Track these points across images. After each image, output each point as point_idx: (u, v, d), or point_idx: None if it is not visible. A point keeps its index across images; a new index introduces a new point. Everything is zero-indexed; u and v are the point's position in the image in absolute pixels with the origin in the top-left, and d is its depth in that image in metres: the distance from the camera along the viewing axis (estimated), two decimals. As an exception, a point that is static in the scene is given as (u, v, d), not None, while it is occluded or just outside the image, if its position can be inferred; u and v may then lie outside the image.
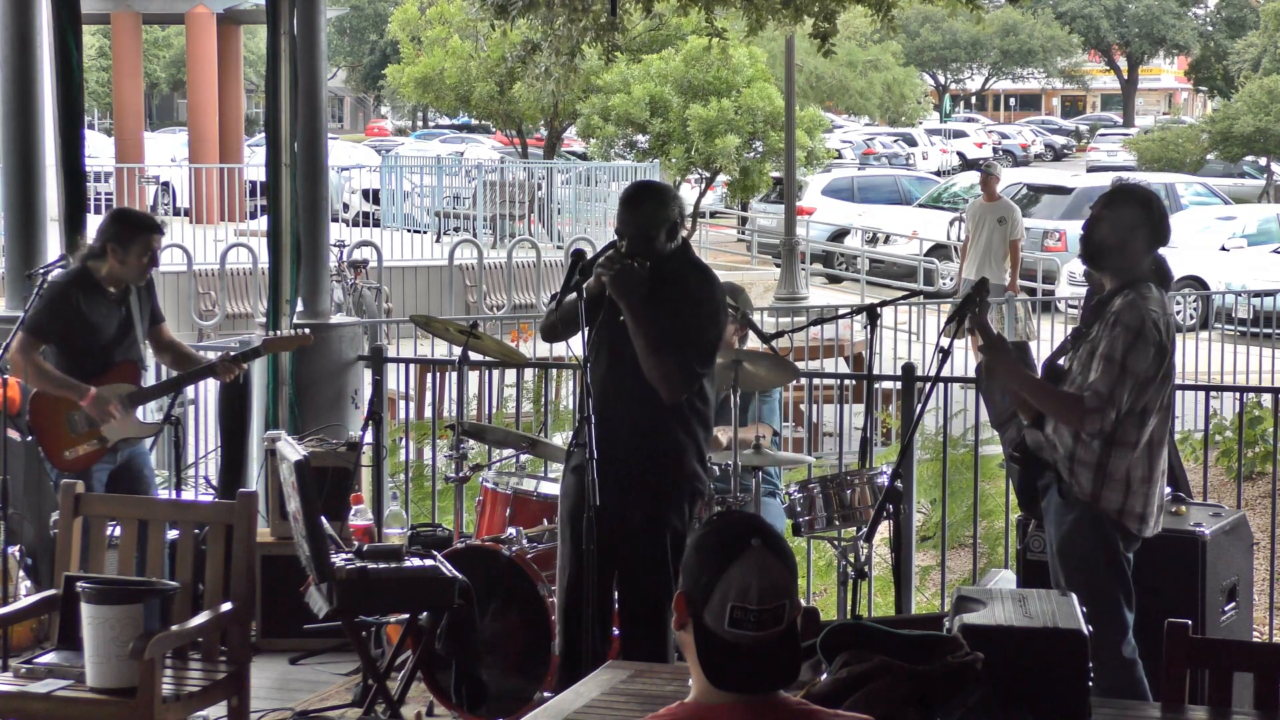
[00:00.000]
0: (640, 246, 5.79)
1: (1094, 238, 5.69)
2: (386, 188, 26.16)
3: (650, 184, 6.18)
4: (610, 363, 5.90)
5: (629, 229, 5.82)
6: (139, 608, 5.50)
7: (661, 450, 5.83)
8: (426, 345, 12.75)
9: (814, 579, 8.54)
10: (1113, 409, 5.48)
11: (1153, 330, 5.52)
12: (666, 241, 5.85)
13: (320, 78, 8.69)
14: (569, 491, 5.99)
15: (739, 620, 3.14)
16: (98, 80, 51.22)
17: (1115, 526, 5.60)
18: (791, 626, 3.19)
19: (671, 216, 5.87)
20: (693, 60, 25.50)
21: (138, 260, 7.08)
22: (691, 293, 5.86)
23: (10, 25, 8.07)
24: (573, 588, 5.92)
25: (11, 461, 7.57)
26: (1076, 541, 5.62)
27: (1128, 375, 5.49)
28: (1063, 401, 5.58)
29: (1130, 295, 5.59)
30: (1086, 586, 5.53)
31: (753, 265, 27.26)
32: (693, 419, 5.93)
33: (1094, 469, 5.58)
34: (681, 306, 5.80)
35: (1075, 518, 5.61)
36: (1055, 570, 5.68)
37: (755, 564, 3.16)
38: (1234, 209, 28.21)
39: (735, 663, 3.16)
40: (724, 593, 3.15)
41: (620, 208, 5.94)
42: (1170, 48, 69.63)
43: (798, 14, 10.53)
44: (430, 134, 53.08)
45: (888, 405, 11.72)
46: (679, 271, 5.86)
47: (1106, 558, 5.60)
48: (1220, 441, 11.08)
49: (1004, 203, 17.89)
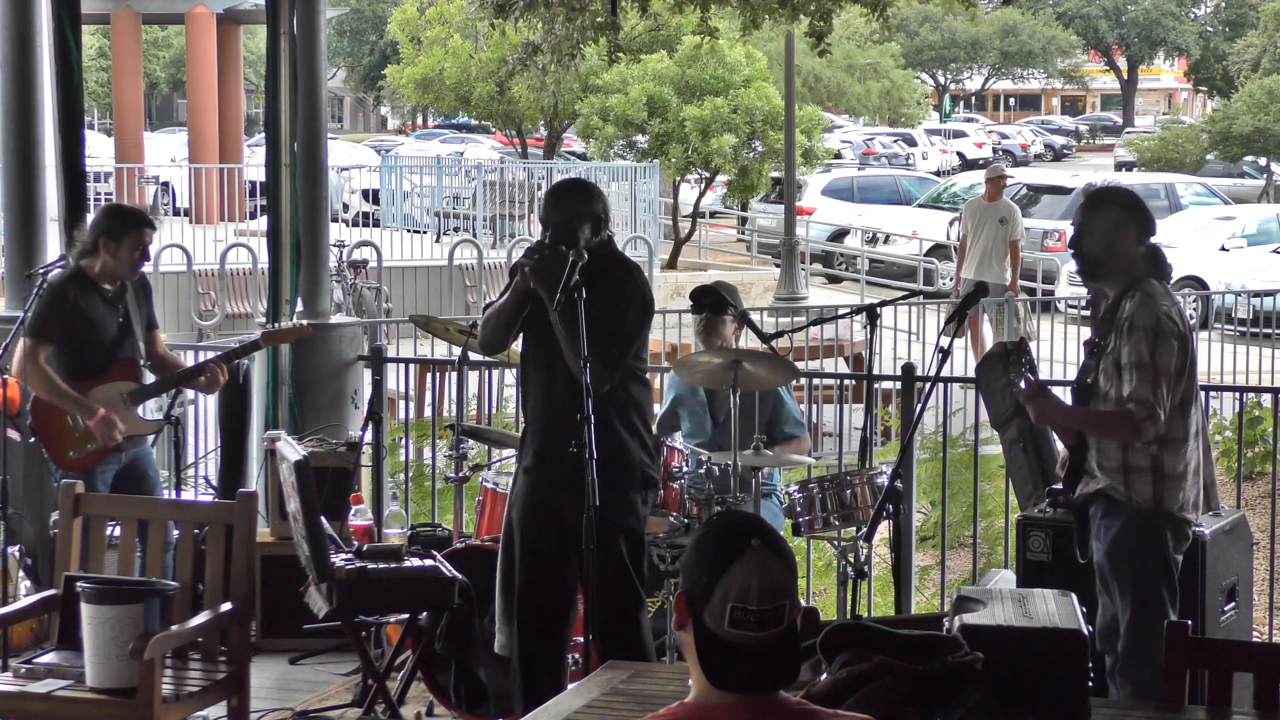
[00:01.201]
0: (564, 238, 5.90)
1: (1083, 251, 5.69)
2: (386, 188, 26.16)
3: (576, 180, 6.37)
4: (548, 360, 6.00)
5: (553, 222, 5.96)
6: (139, 608, 5.50)
7: (604, 443, 5.86)
8: (426, 345, 12.75)
9: (814, 579, 8.54)
10: (1162, 411, 5.49)
11: (1169, 324, 5.53)
12: (591, 235, 5.97)
13: (320, 78, 8.69)
14: (524, 494, 6.06)
15: (739, 621, 3.13)
16: (98, 80, 51.23)
17: (1173, 525, 5.61)
18: (791, 627, 3.18)
19: (596, 211, 6.01)
20: (688, 60, 25.50)
21: (129, 254, 7.08)
22: (612, 284, 5.97)
23: (10, 25, 8.07)
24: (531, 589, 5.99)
25: (11, 461, 7.57)
26: (1128, 545, 5.61)
27: (1162, 375, 5.50)
28: (1112, 421, 5.58)
29: (1136, 296, 5.58)
30: (1137, 589, 5.55)
31: (752, 265, 27.25)
32: (631, 410, 6.02)
33: (1151, 473, 5.58)
34: (604, 297, 5.89)
35: (1124, 521, 5.61)
36: (1103, 575, 5.68)
37: (755, 564, 3.15)
38: (1234, 209, 28.20)
39: (735, 663, 3.15)
40: (724, 593, 3.14)
41: (545, 202, 6.09)
42: (1170, 49, 69.62)
43: (794, 13, 10.55)
44: (430, 134, 53.07)
45: (887, 405, 11.72)
46: (602, 264, 5.97)
47: (1157, 559, 5.61)
48: (1220, 441, 11.08)
49: (1005, 203, 17.87)
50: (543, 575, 5.99)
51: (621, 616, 5.92)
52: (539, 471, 6.02)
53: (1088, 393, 5.71)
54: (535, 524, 6.01)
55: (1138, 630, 5.54)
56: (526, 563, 6.02)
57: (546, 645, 6.04)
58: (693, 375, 7.03)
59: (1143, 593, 5.58)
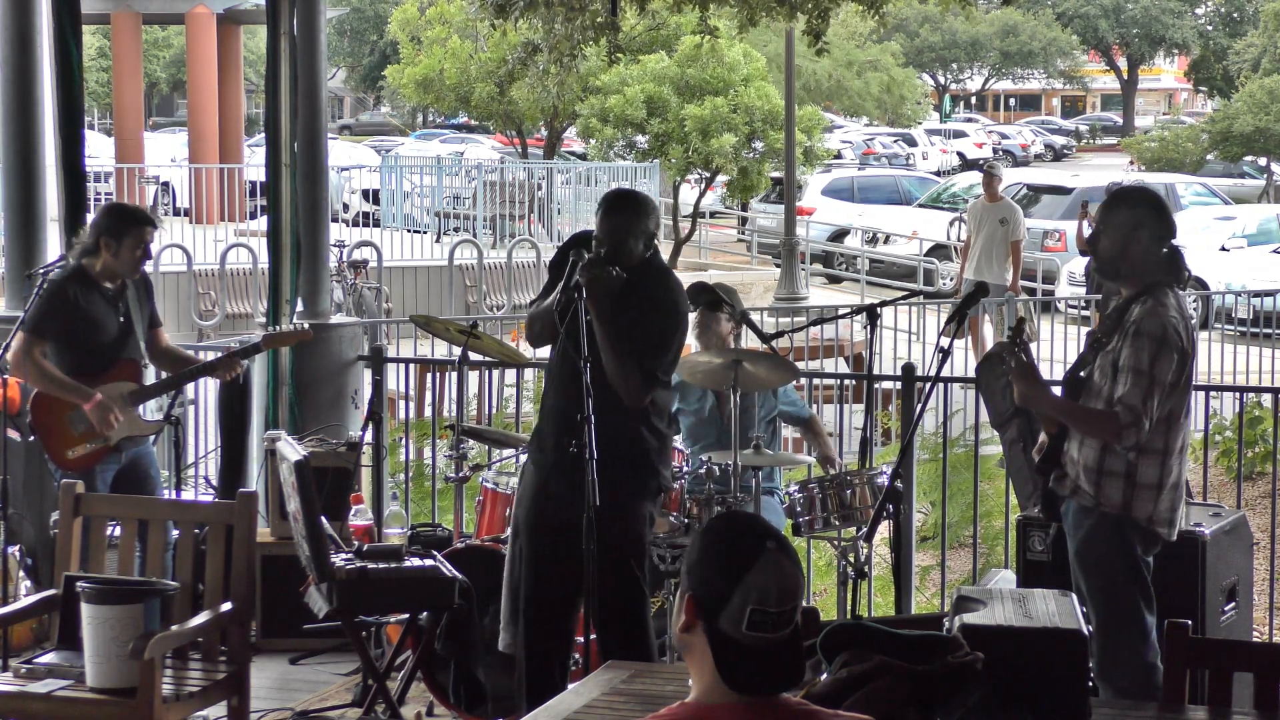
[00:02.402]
0: (618, 254, 5.84)
1: (1099, 252, 5.68)
2: (386, 188, 26.16)
3: (632, 193, 6.26)
4: (575, 363, 5.94)
5: (609, 236, 5.88)
6: (139, 608, 5.50)
7: (627, 450, 5.85)
8: (426, 345, 12.75)
9: (814, 579, 8.54)
10: (1147, 420, 5.48)
11: (1175, 337, 5.51)
12: (643, 251, 5.92)
13: (320, 78, 8.69)
14: (531, 493, 6.05)
15: (758, 623, 3.15)
16: (98, 80, 51.20)
17: (1141, 532, 5.59)
18: (798, 627, 3.21)
19: (649, 228, 5.96)
20: (687, 60, 25.49)
21: (130, 253, 7.07)
22: (658, 301, 5.93)
23: (10, 25, 8.07)
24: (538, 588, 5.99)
25: (11, 461, 7.57)
26: (1095, 547, 5.61)
27: (1156, 386, 5.48)
28: (1097, 420, 5.57)
29: (1149, 302, 5.56)
30: (1106, 591, 5.55)
31: (753, 265, 27.25)
32: (655, 418, 6.00)
33: (1123, 479, 5.57)
34: (647, 314, 5.86)
35: (1093, 524, 5.60)
36: (1075, 576, 5.68)
37: (773, 567, 3.18)
38: (1234, 209, 28.20)
39: (751, 664, 3.17)
40: (744, 596, 3.16)
41: (600, 214, 5.98)
42: (1170, 47, 69.60)
43: (792, 11, 10.56)
44: (430, 134, 53.07)
45: (887, 405, 11.72)
46: (646, 280, 5.92)
47: (1125, 563, 5.60)
48: (1220, 441, 11.09)
49: (1006, 203, 17.88)
50: (549, 574, 5.99)
51: (624, 615, 5.92)
52: (551, 470, 6.00)
53: (1079, 386, 5.71)
54: (541, 523, 6.01)
55: (1108, 633, 5.53)
56: (532, 563, 6.01)
57: (553, 644, 6.04)
58: (693, 375, 7.03)
59: (1112, 596, 5.57)
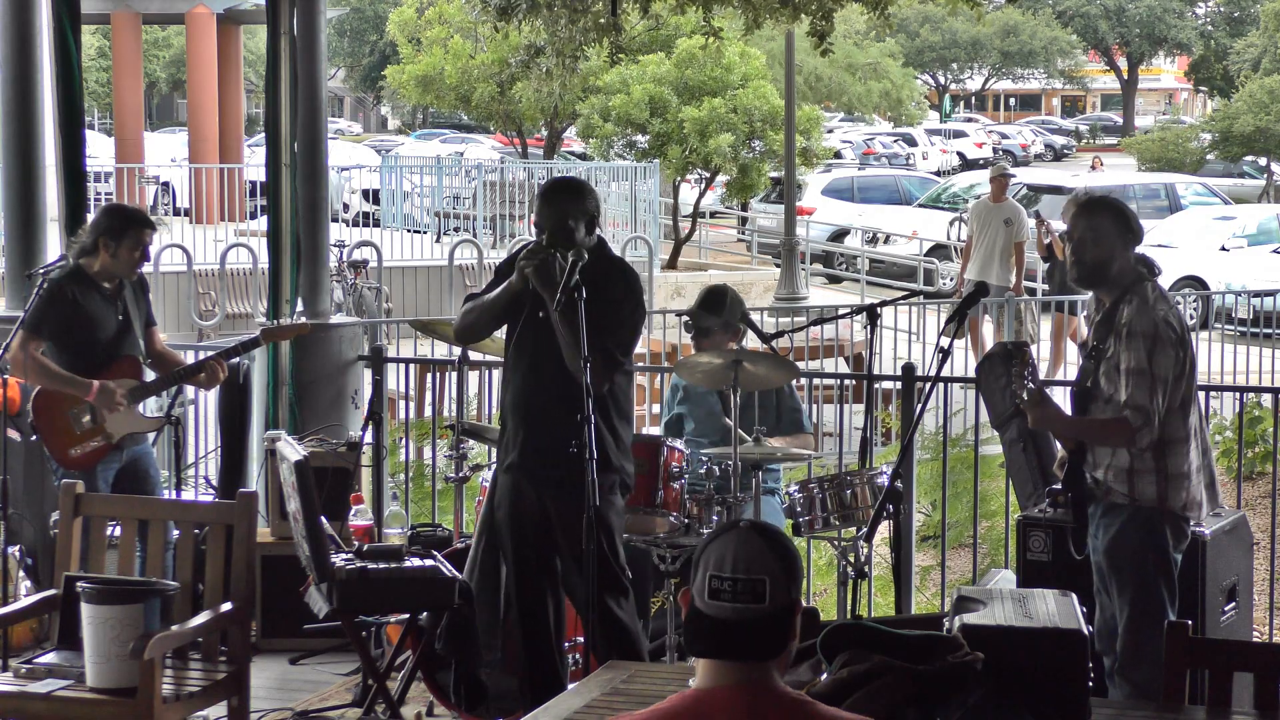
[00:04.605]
0: (560, 238, 5.90)
1: (1086, 260, 5.69)
2: (386, 188, 26.16)
3: (567, 178, 6.37)
4: (532, 360, 6.01)
5: (549, 220, 5.96)
6: (139, 608, 5.50)
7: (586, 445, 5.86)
8: (426, 345, 12.74)
9: (814, 579, 8.54)
10: (1157, 418, 5.53)
11: (1167, 330, 5.55)
12: (586, 233, 5.99)
13: (320, 78, 8.69)
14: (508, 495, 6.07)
15: (716, 590, 3.21)
16: (98, 80, 51.21)
17: (1174, 523, 5.63)
18: (780, 611, 3.22)
19: (589, 209, 6.04)
20: (685, 61, 25.48)
21: (129, 254, 7.09)
22: (611, 285, 6.00)
23: (10, 25, 8.07)
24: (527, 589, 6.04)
25: (11, 461, 7.57)
26: (1128, 542, 5.63)
27: (1159, 381, 5.52)
28: (1110, 429, 5.61)
29: (1134, 301, 5.60)
30: (1138, 587, 5.57)
31: (753, 265, 27.24)
32: (614, 414, 6.05)
33: (1155, 474, 5.60)
34: (603, 298, 5.90)
35: (1125, 520, 5.63)
36: (1102, 574, 5.69)
37: (737, 540, 3.25)
38: (1234, 209, 28.17)
39: (705, 630, 3.22)
40: (705, 565, 3.25)
41: (539, 201, 6.08)
42: (1171, 47, 69.60)
43: (795, 12, 10.56)
44: (430, 134, 53.08)
45: (888, 405, 11.72)
46: (598, 266, 5.97)
47: (1157, 558, 5.63)
48: (1220, 441, 11.08)
49: (1011, 204, 17.83)
50: (536, 575, 6.04)
51: (605, 607, 5.94)
52: (522, 470, 6.04)
53: (1087, 396, 5.72)
54: (522, 525, 6.04)
55: (1137, 629, 5.55)
56: (519, 566, 6.06)
57: (549, 643, 6.07)
58: (693, 375, 7.03)
59: (1143, 592, 5.59)
